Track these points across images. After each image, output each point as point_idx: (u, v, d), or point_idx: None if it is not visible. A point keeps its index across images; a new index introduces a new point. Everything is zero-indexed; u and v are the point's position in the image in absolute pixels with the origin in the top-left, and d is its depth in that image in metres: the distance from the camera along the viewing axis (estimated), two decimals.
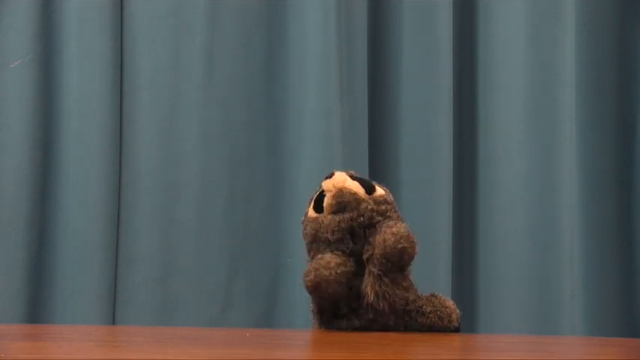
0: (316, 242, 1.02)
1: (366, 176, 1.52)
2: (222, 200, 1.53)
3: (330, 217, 1.01)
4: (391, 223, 1.00)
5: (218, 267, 1.52)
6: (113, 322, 1.48)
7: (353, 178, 1.03)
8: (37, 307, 1.48)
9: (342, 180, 1.02)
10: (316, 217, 1.02)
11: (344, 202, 1.01)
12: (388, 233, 0.97)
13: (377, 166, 1.58)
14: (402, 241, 0.97)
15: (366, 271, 1.00)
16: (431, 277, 1.52)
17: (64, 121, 1.50)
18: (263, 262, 1.52)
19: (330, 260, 0.98)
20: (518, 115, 1.57)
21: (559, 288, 1.54)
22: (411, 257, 0.98)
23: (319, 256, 1.00)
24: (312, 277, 0.98)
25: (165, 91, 1.53)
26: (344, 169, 1.49)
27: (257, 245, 1.53)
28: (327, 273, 0.97)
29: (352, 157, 1.53)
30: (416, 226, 1.54)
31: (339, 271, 0.98)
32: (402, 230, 0.97)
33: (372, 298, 0.99)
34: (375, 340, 0.93)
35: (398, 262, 0.98)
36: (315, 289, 0.98)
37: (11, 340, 0.91)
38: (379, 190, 1.03)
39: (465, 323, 1.56)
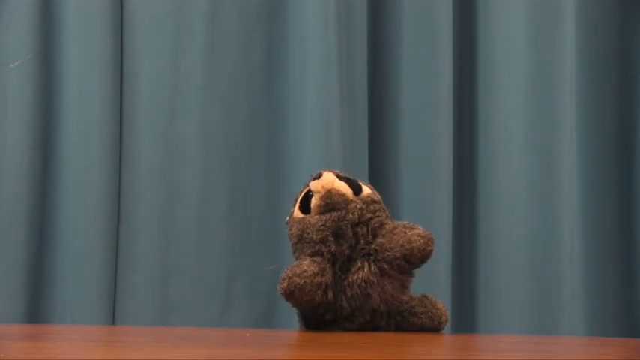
0: (301, 243, 1.01)
1: (365, 177, 1.54)
2: (222, 200, 1.53)
3: (317, 217, 1.01)
4: (407, 224, 1.01)
5: (218, 267, 1.52)
6: (113, 322, 1.48)
7: (340, 178, 1.03)
8: (37, 307, 1.48)
9: (330, 181, 1.01)
10: (303, 218, 1.02)
11: (332, 203, 1.00)
12: (414, 235, 0.99)
13: (377, 166, 1.58)
14: (429, 243, 0.99)
15: (361, 271, 1.00)
16: (431, 278, 1.52)
17: (64, 121, 1.50)
18: (263, 262, 1.52)
19: (307, 269, 0.97)
20: (518, 115, 1.57)
21: (559, 288, 1.54)
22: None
23: (296, 262, 1.00)
24: (285, 284, 0.97)
25: (165, 91, 1.53)
26: (344, 169, 1.50)
27: (257, 245, 1.53)
28: (300, 282, 0.97)
29: (352, 157, 1.53)
30: None
31: (314, 280, 0.97)
32: (428, 233, 1.00)
33: (376, 299, 1.00)
34: (375, 340, 0.93)
35: (420, 263, 1.00)
36: (289, 297, 0.98)
37: (11, 340, 0.91)
38: (366, 190, 1.03)
39: (465, 323, 1.57)
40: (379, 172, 1.58)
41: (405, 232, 1.00)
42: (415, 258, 0.99)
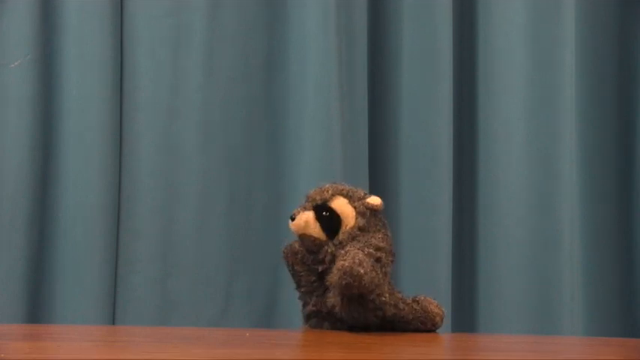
0: (298, 277, 1.07)
1: (366, 177, 1.54)
2: (222, 200, 1.53)
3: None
4: (344, 251, 0.98)
5: (218, 267, 1.52)
6: (113, 322, 1.48)
7: (321, 211, 1.01)
8: (37, 307, 1.48)
9: (301, 227, 1.02)
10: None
11: (306, 246, 1.03)
12: (335, 268, 0.97)
13: (377, 167, 1.58)
14: (345, 277, 0.95)
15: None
16: (431, 278, 1.52)
17: (64, 121, 1.50)
18: (263, 262, 1.52)
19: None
20: (518, 115, 1.57)
21: (559, 288, 1.54)
22: (361, 287, 0.96)
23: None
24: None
25: (165, 91, 1.53)
26: (344, 169, 1.51)
27: (257, 245, 1.53)
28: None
29: (352, 157, 1.53)
30: (416, 226, 1.56)
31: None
32: (346, 265, 0.95)
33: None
34: (375, 340, 0.93)
35: (349, 294, 0.97)
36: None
37: (11, 340, 0.91)
38: (348, 222, 1.01)
39: (465, 323, 1.57)
40: (379, 172, 1.57)
41: (336, 263, 0.97)
42: (341, 291, 0.97)
